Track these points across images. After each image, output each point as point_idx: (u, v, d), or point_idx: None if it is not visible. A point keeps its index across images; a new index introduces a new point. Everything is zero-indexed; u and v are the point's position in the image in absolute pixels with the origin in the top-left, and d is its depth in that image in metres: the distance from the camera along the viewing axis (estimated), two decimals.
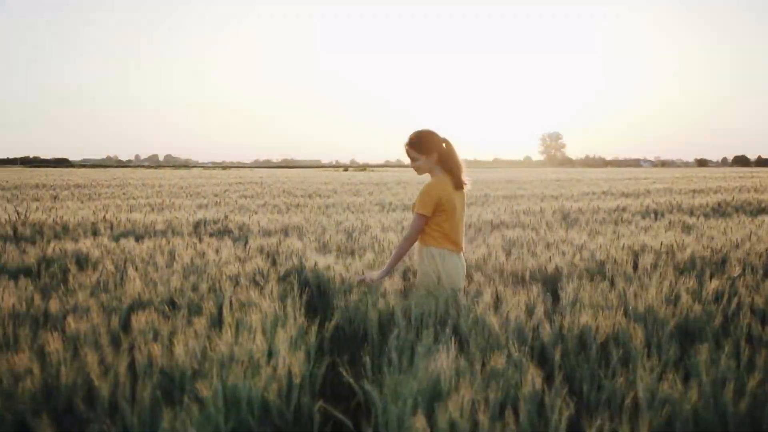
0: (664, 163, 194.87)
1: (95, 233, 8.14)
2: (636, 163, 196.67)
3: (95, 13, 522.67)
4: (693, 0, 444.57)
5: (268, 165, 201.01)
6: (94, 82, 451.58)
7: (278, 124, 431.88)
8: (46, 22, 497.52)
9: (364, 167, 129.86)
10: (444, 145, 4.45)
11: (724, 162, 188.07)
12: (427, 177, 4.57)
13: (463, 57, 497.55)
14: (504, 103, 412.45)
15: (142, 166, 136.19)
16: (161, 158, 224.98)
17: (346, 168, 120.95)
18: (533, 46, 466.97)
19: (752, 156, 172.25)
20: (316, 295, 4.96)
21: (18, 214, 9.60)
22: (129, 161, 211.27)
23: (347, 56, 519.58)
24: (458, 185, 4.47)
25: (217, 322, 3.59)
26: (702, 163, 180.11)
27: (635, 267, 5.52)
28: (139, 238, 7.50)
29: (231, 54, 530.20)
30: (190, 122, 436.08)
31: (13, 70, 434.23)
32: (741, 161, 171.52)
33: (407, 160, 4.55)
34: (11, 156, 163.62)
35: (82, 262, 5.82)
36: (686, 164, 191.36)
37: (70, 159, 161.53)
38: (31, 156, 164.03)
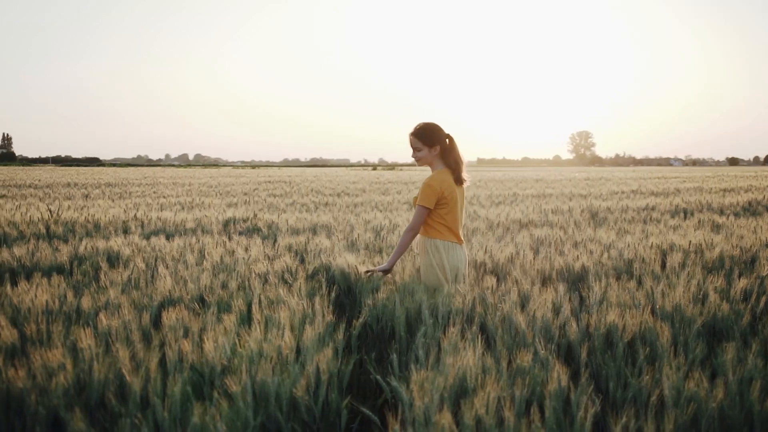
0: (695, 162, 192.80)
1: (126, 231, 8.22)
2: (667, 161, 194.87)
3: (127, 13, 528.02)
4: None
5: (296, 164, 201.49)
6: (125, 82, 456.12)
7: (307, 124, 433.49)
8: (81, 23, 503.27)
9: (392, 166, 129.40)
10: (447, 140, 4.57)
11: (755, 161, 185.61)
12: (427, 171, 4.66)
13: (494, 56, 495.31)
14: (534, 102, 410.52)
15: (172, 165, 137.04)
16: (191, 157, 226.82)
17: (374, 167, 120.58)
18: (564, 45, 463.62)
19: None
20: (344, 293, 4.99)
21: (51, 212, 9.74)
22: (159, 160, 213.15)
23: (377, 55, 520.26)
24: (458, 181, 4.60)
25: (246, 319, 3.64)
26: (733, 161, 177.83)
27: (663, 266, 5.49)
28: (169, 237, 7.58)
29: (261, 54, 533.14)
30: (220, 122, 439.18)
31: (46, 71, 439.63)
32: None
33: None
34: (44, 155, 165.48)
35: (114, 260, 5.89)
36: (717, 163, 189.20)
37: (101, 158, 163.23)
38: (62, 155, 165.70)
